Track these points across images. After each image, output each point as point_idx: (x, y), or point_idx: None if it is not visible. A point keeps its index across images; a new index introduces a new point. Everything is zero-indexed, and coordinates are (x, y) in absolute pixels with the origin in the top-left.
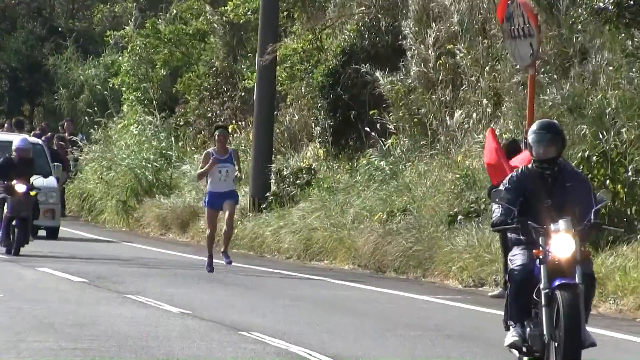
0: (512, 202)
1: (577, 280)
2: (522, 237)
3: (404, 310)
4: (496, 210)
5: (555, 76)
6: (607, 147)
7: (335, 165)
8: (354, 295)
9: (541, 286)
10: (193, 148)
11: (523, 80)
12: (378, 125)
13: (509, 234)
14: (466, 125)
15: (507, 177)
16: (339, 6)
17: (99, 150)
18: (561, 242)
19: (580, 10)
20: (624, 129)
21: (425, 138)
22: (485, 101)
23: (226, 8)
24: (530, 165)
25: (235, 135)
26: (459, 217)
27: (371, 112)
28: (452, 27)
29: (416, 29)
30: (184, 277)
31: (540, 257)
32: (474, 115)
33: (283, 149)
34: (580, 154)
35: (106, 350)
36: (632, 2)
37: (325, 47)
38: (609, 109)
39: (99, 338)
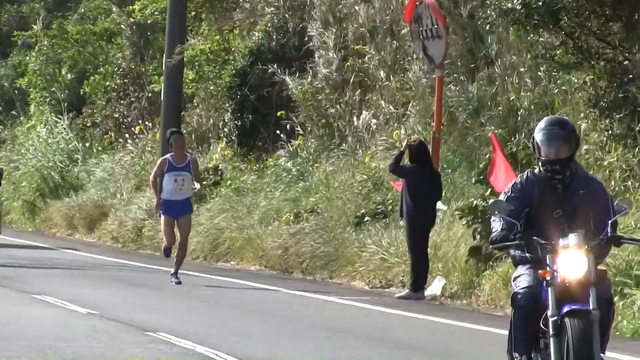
0: (516, 213)
1: (590, 306)
2: (527, 255)
3: (311, 312)
4: (495, 224)
5: (462, 78)
6: (516, 149)
7: (243, 166)
8: (261, 296)
9: (549, 313)
10: (100, 148)
11: (431, 82)
12: (287, 127)
13: (511, 251)
14: (373, 127)
15: (510, 185)
16: (248, 7)
17: (5, 150)
18: (571, 261)
19: (488, 11)
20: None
21: (332, 139)
22: (391, 103)
23: (133, 8)
24: (537, 170)
25: (142, 136)
26: (366, 218)
27: (279, 113)
28: (360, 28)
29: (323, 30)
30: (91, 277)
31: (547, 278)
32: (381, 116)
33: (190, 149)
34: (488, 155)
35: (16, 350)
36: (540, 4)
37: (233, 48)
38: (522, 110)
39: (9, 339)
